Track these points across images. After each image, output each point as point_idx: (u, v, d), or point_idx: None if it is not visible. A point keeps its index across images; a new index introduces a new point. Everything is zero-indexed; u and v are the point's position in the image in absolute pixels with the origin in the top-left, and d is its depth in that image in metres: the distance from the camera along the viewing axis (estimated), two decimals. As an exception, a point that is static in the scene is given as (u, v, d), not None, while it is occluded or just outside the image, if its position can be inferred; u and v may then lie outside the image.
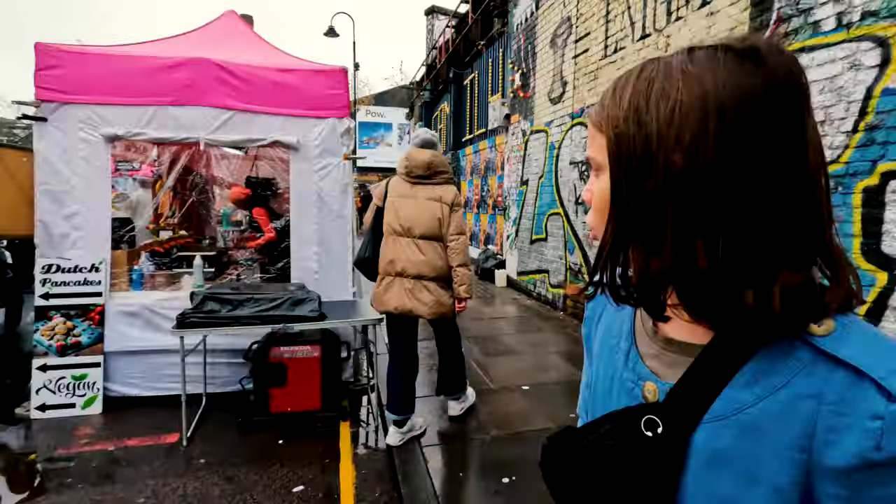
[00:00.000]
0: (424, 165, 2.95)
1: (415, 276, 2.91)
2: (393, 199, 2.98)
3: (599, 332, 0.71)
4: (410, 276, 2.91)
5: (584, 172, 5.83)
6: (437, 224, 2.93)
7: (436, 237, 2.95)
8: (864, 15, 2.75)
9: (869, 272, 2.74)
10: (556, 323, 5.95)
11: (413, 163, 2.97)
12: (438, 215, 2.93)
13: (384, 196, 3.04)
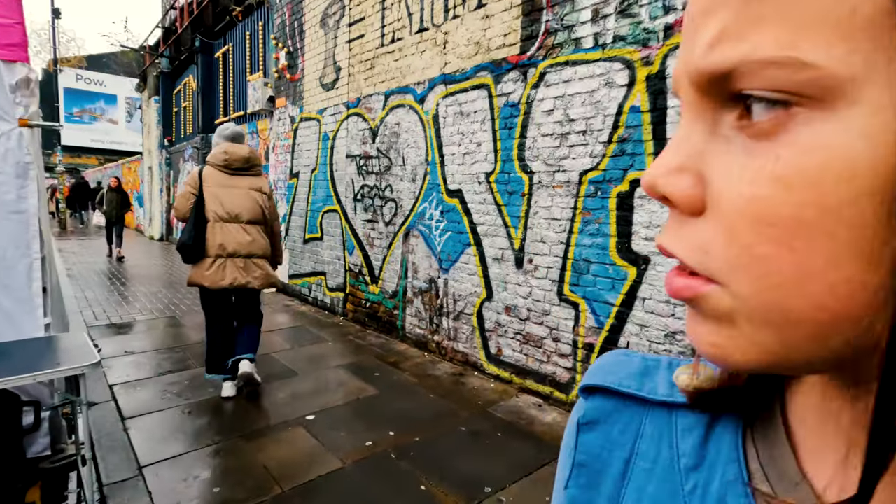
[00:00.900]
0: (244, 159, 3.41)
1: (246, 256, 3.38)
2: (214, 189, 3.32)
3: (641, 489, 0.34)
4: (242, 256, 3.37)
5: (362, 167, 5.47)
6: (260, 210, 3.46)
7: (259, 221, 3.47)
8: (615, 38, 3.08)
9: (622, 268, 3.11)
10: (336, 331, 5.44)
11: (233, 157, 3.37)
12: (260, 203, 3.46)
13: (199, 185, 3.32)
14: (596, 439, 0.37)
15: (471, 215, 4.16)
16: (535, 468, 2.75)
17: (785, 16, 0.19)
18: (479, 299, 4.13)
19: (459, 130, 4.22)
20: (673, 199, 0.24)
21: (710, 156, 0.23)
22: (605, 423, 0.37)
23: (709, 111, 0.23)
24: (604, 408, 0.37)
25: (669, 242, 0.25)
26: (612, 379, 0.37)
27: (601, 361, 0.40)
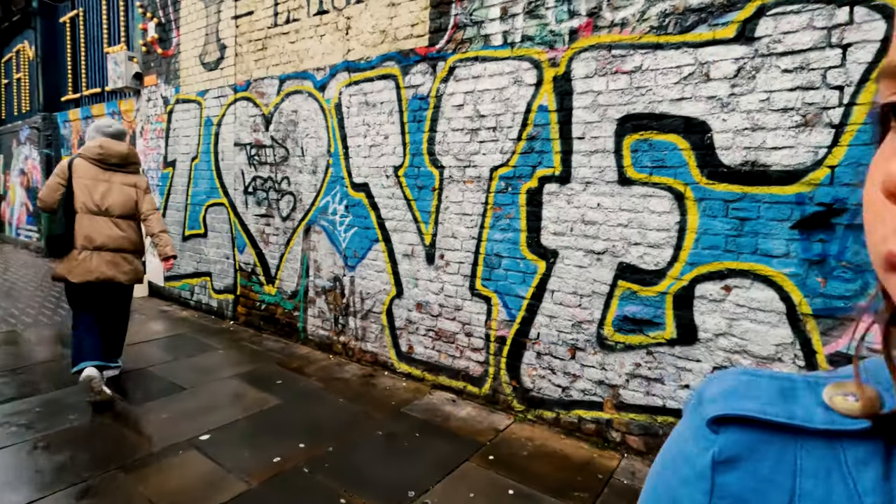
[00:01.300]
0: (121, 156, 3.42)
1: (114, 250, 3.36)
2: (85, 182, 3.30)
3: None
4: (110, 250, 3.34)
5: (253, 156, 5.00)
6: (133, 205, 3.46)
7: (131, 216, 3.47)
8: (523, 38, 3.15)
9: (532, 261, 3.21)
10: (226, 337, 4.93)
11: (109, 153, 3.37)
12: (134, 198, 3.47)
13: (69, 176, 3.28)
14: (740, 480, 0.31)
15: (378, 210, 4.01)
16: (456, 465, 2.73)
17: None
18: (388, 297, 4.01)
19: (365, 121, 4.04)
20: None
21: None
22: (750, 460, 0.31)
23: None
24: (745, 441, 0.32)
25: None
26: (751, 406, 0.32)
27: (724, 384, 0.35)
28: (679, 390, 2.72)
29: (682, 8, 2.59)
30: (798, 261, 2.36)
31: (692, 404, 0.37)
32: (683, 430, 0.36)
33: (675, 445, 0.36)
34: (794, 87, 2.32)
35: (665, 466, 0.37)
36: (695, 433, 0.34)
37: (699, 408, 0.35)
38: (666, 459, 0.37)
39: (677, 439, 0.36)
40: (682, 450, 0.35)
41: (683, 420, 0.37)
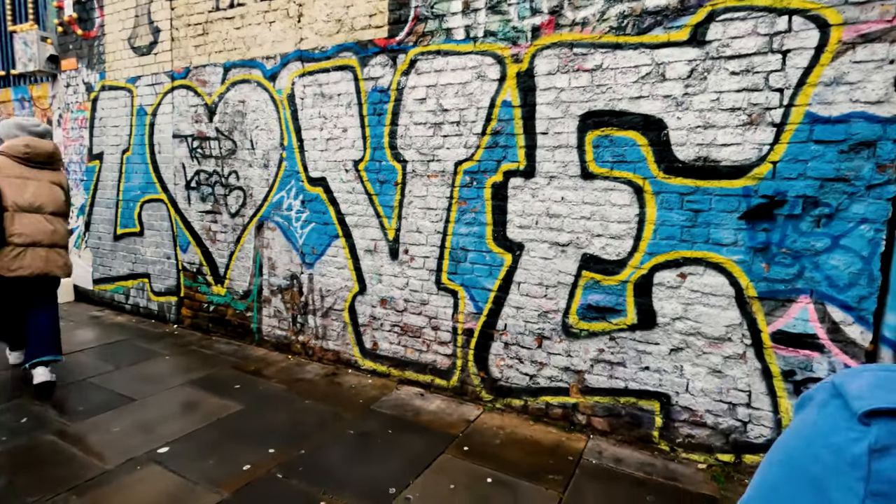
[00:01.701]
0: (47, 155, 3.46)
1: (49, 245, 3.41)
2: (13, 180, 3.29)
3: None
4: (45, 246, 3.38)
5: (196, 149, 4.70)
6: (62, 203, 3.53)
7: (61, 213, 3.53)
8: (486, 33, 3.18)
9: (499, 254, 3.27)
10: (171, 341, 4.63)
11: (36, 151, 3.39)
12: (62, 197, 3.54)
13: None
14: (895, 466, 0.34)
15: (338, 205, 3.91)
16: (432, 458, 2.76)
17: None
18: (350, 293, 3.93)
19: (321, 113, 3.91)
20: None
21: None
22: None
23: None
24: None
25: None
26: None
27: (866, 380, 0.38)
28: (640, 372, 2.90)
29: (640, 10, 2.72)
30: (745, 248, 2.58)
31: (827, 399, 0.40)
32: (822, 424, 0.39)
33: (815, 439, 0.39)
34: (741, 89, 2.52)
35: (800, 460, 0.40)
36: (845, 425, 0.37)
37: (842, 402, 0.38)
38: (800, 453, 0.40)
39: (815, 433, 0.39)
40: (828, 441, 0.38)
41: (815, 414, 0.40)
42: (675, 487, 2.55)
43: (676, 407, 2.81)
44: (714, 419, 2.73)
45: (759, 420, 2.62)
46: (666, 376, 2.83)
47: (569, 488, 2.52)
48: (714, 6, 2.54)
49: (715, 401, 2.72)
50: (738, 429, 2.67)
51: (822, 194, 2.39)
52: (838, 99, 2.33)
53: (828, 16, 2.31)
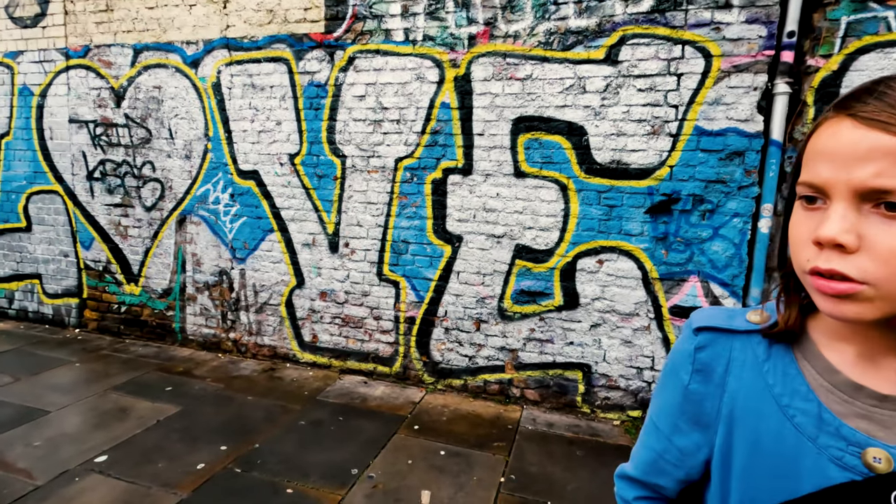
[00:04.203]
0: None
1: None
2: None
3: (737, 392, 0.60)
4: None
5: (100, 136, 4.30)
6: None
7: None
8: (425, 37, 3.36)
9: (439, 246, 3.51)
10: (77, 347, 4.24)
11: None
12: None
13: None
14: (707, 356, 0.63)
15: (272, 199, 3.86)
16: (386, 439, 2.93)
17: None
18: (287, 287, 3.92)
19: (252, 105, 3.82)
20: (846, 246, 0.46)
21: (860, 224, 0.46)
22: (710, 347, 0.63)
23: (856, 203, 0.46)
24: (709, 338, 0.64)
25: (841, 266, 0.47)
26: (712, 321, 0.64)
27: (702, 313, 0.66)
28: (565, 347, 3.32)
29: (564, 29, 3.08)
30: (649, 238, 3.08)
31: (684, 327, 0.68)
32: (680, 340, 0.68)
33: (676, 347, 0.68)
34: (646, 104, 2.99)
35: (669, 360, 0.69)
36: (687, 337, 0.66)
37: (689, 327, 0.66)
38: (670, 358, 0.69)
39: (677, 345, 0.68)
40: (679, 347, 0.67)
41: (680, 337, 0.69)
42: (597, 442, 3.00)
43: (596, 375, 3.28)
44: (626, 382, 3.23)
45: (660, 380, 3.16)
46: (587, 349, 3.28)
47: (512, 452, 2.85)
48: (625, 31, 2.97)
49: (626, 367, 3.22)
50: (644, 389, 3.20)
51: (707, 193, 2.95)
52: (718, 116, 2.88)
53: (711, 48, 2.84)
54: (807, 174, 0.51)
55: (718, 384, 0.62)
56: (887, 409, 0.51)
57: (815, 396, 0.55)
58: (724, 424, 0.61)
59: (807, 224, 0.51)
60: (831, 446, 0.52)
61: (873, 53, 2.61)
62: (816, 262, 0.48)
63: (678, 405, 0.65)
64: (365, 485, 2.50)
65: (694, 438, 0.64)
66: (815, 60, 2.72)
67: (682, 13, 2.86)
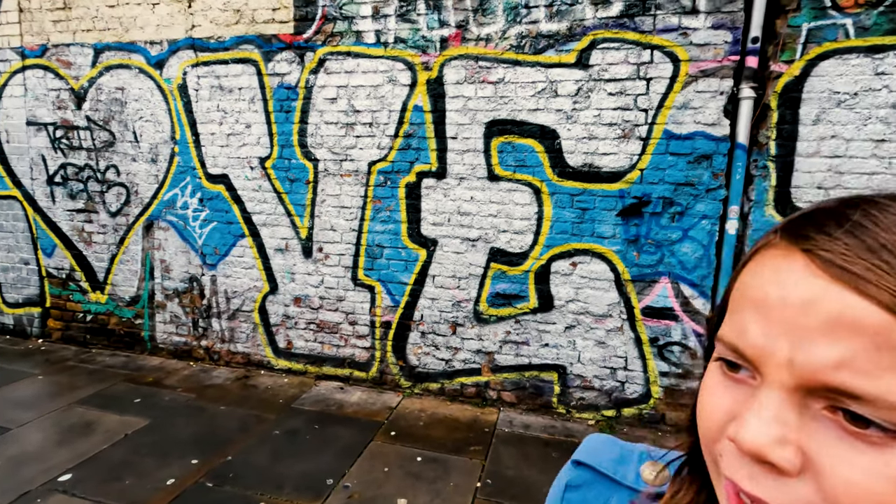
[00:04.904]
0: None
1: None
2: None
3: None
4: None
5: (60, 139, 4.14)
6: None
7: None
8: (396, 39, 3.32)
9: (414, 250, 3.49)
10: (40, 358, 4.08)
11: None
12: None
13: None
14: (576, 498, 0.51)
15: (243, 203, 3.78)
16: (363, 446, 2.91)
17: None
18: (260, 294, 3.85)
19: (220, 107, 3.72)
20: (780, 467, 0.28)
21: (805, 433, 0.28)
22: (585, 489, 0.51)
23: (799, 396, 0.29)
24: (586, 478, 0.52)
25: (769, 495, 0.29)
26: (596, 460, 0.52)
27: (592, 443, 0.54)
28: (541, 349, 3.35)
29: (535, 32, 3.09)
30: (621, 240, 3.12)
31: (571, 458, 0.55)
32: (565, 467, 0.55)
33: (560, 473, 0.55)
34: (617, 108, 3.02)
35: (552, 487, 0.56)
36: (566, 467, 0.54)
37: (574, 455, 0.54)
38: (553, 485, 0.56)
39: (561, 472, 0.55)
40: (560, 474, 0.55)
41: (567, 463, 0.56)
42: (572, 443, 3.03)
43: (571, 375, 3.31)
44: (600, 382, 3.27)
45: (633, 379, 3.22)
46: (562, 350, 3.31)
47: (489, 456, 2.86)
48: (595, 36, 2.99)
49: (600, 367, 3.26)
50: (618, 388, 3.25)
51: (676, 196, 3.00)
52: (686, 120, 2.93)
53: (679, 53, 2.88)
54: (730, 329, 0.33)
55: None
56: None
57: None
58: None
59: (724, 398, 0.33)
60: None
61: (833, 60, 2.69)
62: (734, 474, 0.31)
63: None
64: (340, 495, 2.48)
65: None
66: (779, 66, 2.79)
67: (651, 18, 2.90)
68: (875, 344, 0.26)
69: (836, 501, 0.27)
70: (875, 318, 0.26)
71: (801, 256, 0.30)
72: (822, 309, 0.28)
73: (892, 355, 0.25)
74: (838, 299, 0.27)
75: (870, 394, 0.26)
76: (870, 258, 0.27)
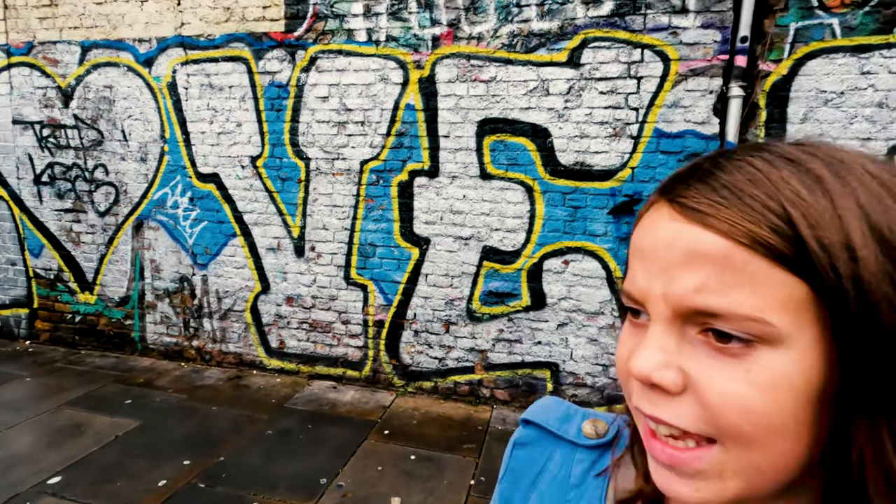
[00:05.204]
0: None
1: None
2: None
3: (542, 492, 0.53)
4: None
5: (47, 138, 4.08)
6: None
7: None
8: (388, 37, 3.32)
9: (406, 249, 3.48)
10: (28, 360, 4.03)
11: None
12: None
13: None
14: (523, 455, 0.54)
15: (234, 203, 3.76)
16: (356, 446, 2.91)
17: (756, 292, 0.30)
18: (252, 293, 3.83)
19: (210, 105, 3.69)
20: (664, 386, 0.33)
21: (684, 356, 0.33)
22: (531, 446, 0.54)
23: (678, 325, 0.33)
24: (533, 436, 0.54)
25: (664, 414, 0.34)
26: (542, 418, 0.54)
27: (540, 403, 0.57)
28: (534, 346, 3.36)
29: (527, 31, 3.09)
30: (613, 238, 3.14)
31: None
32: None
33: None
34: (608, 106, 3.04)
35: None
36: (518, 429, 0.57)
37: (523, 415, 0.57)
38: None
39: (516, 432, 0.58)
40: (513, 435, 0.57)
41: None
42: (565, 439, 3.04)
43: (563, 373, 3.33)
44: (592, 380, 3.29)
45: (625, 376, 3.23)
46: (555, 348, 3.32)
47: (482, 454, 2.87)
48: (586, 35, 3.01)
49: (592, 364, 3.28)
50: (610, 385, 3.27)
51: (667, 194, 3.02)
52: (676, 119, 2.95)
53: (669, 52, 2.91)
54: (627, 280, 0.39)
55: (524, 494, 0.53)
56: None
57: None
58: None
59: (629, 342, 0.39)
60: None
61: (819, 59, 2.73)
62: (639, 403, 0.36)
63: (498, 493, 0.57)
64: (334, 494, 2.48)
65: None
66: (767, 65, 2.82)
67: (641, 17, 2.92)
68: (721, 267, 0.31)
69: (713, 409, 0.32)
70: (718, 246, 0.31)
71: (667, 206, 0.35)
72: (681, 246, 0.33)
73: (735, 274, 0.30)
74: (691, 235, 0.32)
75: (723, 309, 0.30)
76: (712, 197, 0.32)
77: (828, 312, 0.30)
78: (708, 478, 0.33)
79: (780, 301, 0.30)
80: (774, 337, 0.30)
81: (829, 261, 0.29)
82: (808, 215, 0.30)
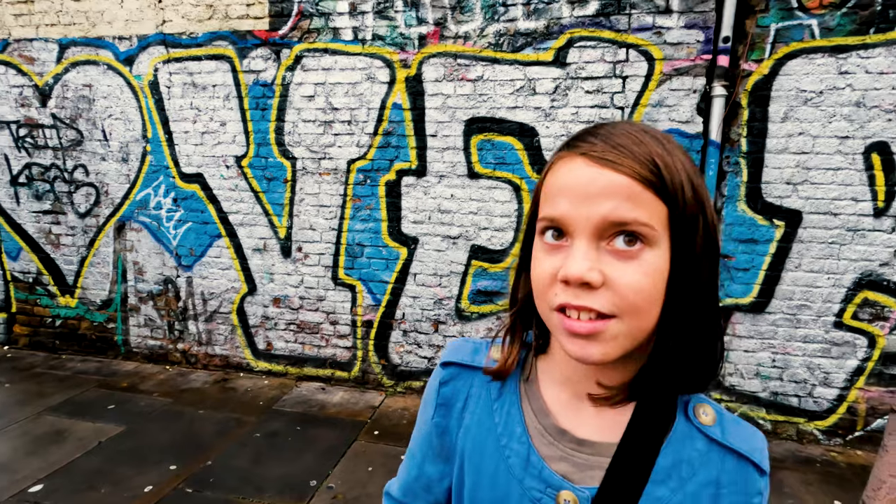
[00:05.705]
0: None
1: None
2: None
3: (469, 428, 0.62)
4: None
5: (24, 138, 3.98)
6: None
7: None
8: (374, 36, 3.30)
9: (395, 248, 3.47)
10: (7, 366, 3.93)
11: None
12: None
13: None
14: (449, 390, 0.64)
15: (219, 203, 3.70)
16: (346, 447, 2.89)
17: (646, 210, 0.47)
18: (238, 295, 3.78)
19: (193, 105, 3.64)
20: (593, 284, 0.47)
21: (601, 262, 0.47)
22: (454, 380, 0.64)
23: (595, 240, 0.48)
24: (453, 373, 0.64)
25: (589, 302, 0.47)
26: (457, 356, 0.65)
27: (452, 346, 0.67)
28: (522, 345, 3.37)
29: (514, 31, 3.10)
30: (599, 236, 3.16)
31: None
32: (434, 373, 0.68)
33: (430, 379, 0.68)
34: (594, 105, 3.06)
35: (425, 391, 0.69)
36: (435, 372, 0.66)
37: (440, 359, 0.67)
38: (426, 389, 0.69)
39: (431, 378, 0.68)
40: (430, 380, 0.67)
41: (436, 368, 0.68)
42: (555, 436, 3.07)
43: (552, 370, 3.35)
44: (581, 377, 3.31)
45: (613, 373, 3.27)
46: (543, 346, 3.34)
47: (473, 452, 2.87)
48: (572, 34, 3.02)
49: (581, 361, 3.30)
50: (598, 382, 3.30)
51: (652, 192, 3.05)
52: (661, 118, 2.98)
53: (653, 51, 2.94)
54: (548, 209, 0.51)
55: (457, 419, 0.63)
56: (584, 452, 0.55)
57: (528, 439, 0.57)
58: (458, 458, 0.62)
59: (551, 262, 0.50)
60: (533, 488, 0.55)
61: (799, 59, 2.78)
62: (566, 299, 0.48)
63: (426, 436, 0.66)
64: (324, 496, 2.46)
65: (439, 468, 0.65)
66: (749, 65, 2.87)
67: (626, 17, 2.94)
68: (626, 195, 0.47)
69: (621, 294, 0.47)
70: (624, 182, 0.47)
71: (580, 158, 0.49)
72: (599, 183, 0.47)
73: (634, 199, 0.47)
74: (606, 176, 0.47)
75: (632, 219, 0.46)
76: (616, 150, 0.48)
77: (671, 224, 0.48)
78: (608, 339, 0.48)
79: (656, 215, 0.47)
80: (655, 239, 0.47)
81: (677, 192, 0.47)
82: (664, 164, 0.47)
